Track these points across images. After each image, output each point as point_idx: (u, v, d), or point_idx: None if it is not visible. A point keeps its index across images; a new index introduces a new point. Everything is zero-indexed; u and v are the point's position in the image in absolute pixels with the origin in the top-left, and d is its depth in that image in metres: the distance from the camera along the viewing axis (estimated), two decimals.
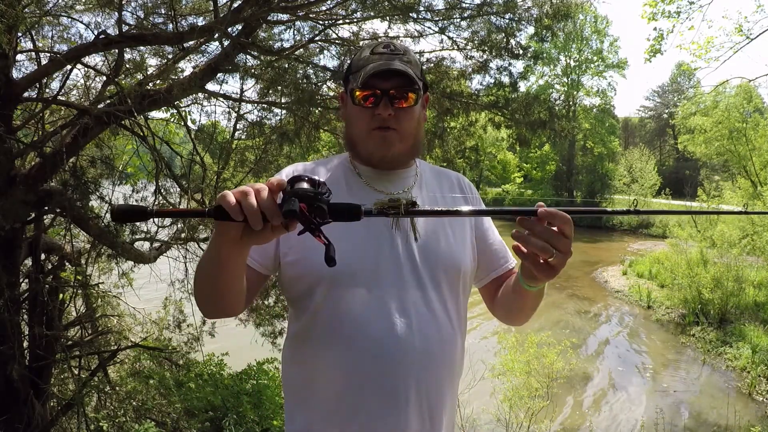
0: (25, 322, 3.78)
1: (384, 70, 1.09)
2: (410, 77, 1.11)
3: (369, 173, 1.20)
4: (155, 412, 4.46)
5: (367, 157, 1.17)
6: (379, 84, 1.11)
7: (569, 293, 14.83)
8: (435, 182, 1.28)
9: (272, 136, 4.64)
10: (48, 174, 3.30)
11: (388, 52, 1.14)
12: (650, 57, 9.69)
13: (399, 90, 1.12)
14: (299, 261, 1.11)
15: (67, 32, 3.94)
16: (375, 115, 1.12)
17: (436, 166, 1.36)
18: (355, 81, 1.13)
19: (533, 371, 6.83)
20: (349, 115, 1.19)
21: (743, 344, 9.95)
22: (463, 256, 1.19)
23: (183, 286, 4.62)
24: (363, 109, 1.14)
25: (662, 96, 48.00)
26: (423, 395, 1.09)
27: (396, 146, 1.15)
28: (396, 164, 1.20)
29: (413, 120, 1.16)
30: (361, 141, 1.16)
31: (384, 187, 1.19)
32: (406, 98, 1.13)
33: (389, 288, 1.09)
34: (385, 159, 1.16)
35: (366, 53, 1.16)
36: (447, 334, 1.14)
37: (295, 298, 1.15)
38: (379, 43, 1.17)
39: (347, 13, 4.07)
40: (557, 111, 4.78)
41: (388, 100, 1.11)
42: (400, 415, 1.07)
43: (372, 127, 1.13)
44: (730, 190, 18.10)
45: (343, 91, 1.24)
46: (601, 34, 31.21)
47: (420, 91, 1.15)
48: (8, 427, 3.26)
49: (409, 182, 1.22)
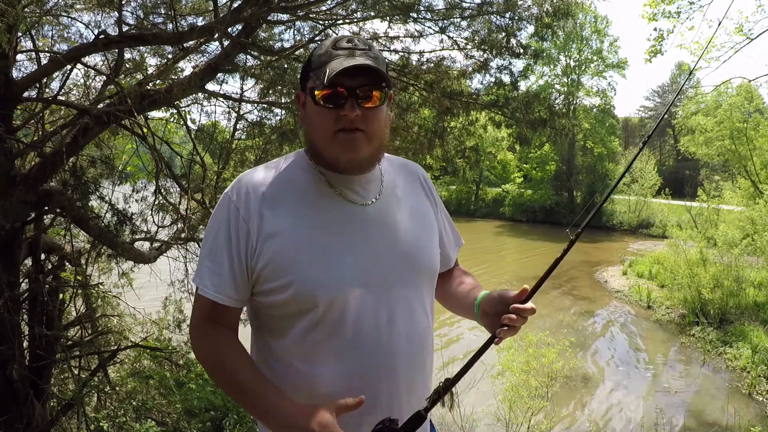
0: (25, 322, 3.78)
1: (351, 66, 0.98)
2: (378, 74, 1.02)
3: (337, 180, 1.11)
4: (155, 412, 4.45)
5: (333, 162, 1.08)
6: (344, 82, 1.00)
7: (569, 293, 14.83)
8: (400, 180, 1.24)
9: (272, 136, 4.64)
10: (48, 174, 3.30)
11: (352, 46, 1.03)
12: (650, 58, 9.68)
13: (365, 89, 1.02)
14: (290, 284, 1.03)
15: (67, 32, 3.93)
16: (340, 116, 1.02)
17: (392, 157, 1.29)
18: (317, 79, 1.02)
19: (533, 371, 6.82)
20: (310, 117, 1.07)
21: (743, 344, 9.95)
22: (435, 254, 1.21)
23: (183, 286, 4.62)
24: (326, 110, 1.03)
25: (662, 96, 47.97)
26: (412, 395, 1.12)
27: (364, 149, 1.05)
28: (363, 168, 1.11)
29: (380, 121, 1.07)
30: (325, 145, 1.06)
31: (357, 197, 1.12)
32: (372, 98, 1.03)
33: (377, 294, 1.08)
34: (351, 163, 1.07)
35: (326, 48, 1.05)
36: (424, 330, 1.16)
37: (277, 318, 1.09)
38: (341, 38, 1.06)
39: (347, 13, 4.07)
40: (557, 110, 4.78)
41: (354, 100, 1.01)
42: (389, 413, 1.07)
43: (337, 129, 1.03)
44: (730, 190, 18.10)
45: (300, 90, 1.13)
46: (601, 34, 31.17)
47: (387, 90, 1.06)
48: (8, 427, 3.26)
49: (377, 186, 1.16)
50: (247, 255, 1.05)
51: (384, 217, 1.13)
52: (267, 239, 1.04)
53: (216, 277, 1.06)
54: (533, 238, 25.32)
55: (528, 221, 31.00)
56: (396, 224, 1.14)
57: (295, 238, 1.04)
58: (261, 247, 1.04)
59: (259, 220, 1.05)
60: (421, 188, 1.26)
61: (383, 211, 1.14)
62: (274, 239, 1.04)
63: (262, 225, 1.04)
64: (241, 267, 1.05)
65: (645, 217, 27.81)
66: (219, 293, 1.06)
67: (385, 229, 1.12)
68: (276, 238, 1.04)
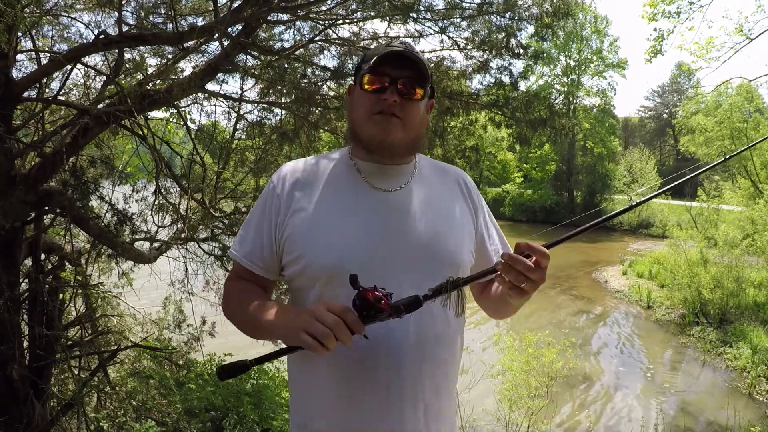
0: (25, 322, 3.77)
1: (397, 53, 1.11)
2: (421, 72, 1.13)
3: (368, 169, 1.19)
4: (155, 412, 4.45)
5: (368, 141, 1.16)
6: (389, 72, 1.12)
7: (569, 293, 14.83)
8: (435, 178, 1.26)
9: (272, 136, 4.64)
10: (48, 174, 3.30)
11: (403, 47, 1.15)
12: (651, 58, 9.69)
13: (408, 82, 1.13)
14: (300, 258, 1.12)
15: (67, 32, 3.93)
16: (380, 99, 1.12)
17: (437, 162, 1.34)
18: (366, 66, 1.15)
19: (533, 371, 6.82)
20: (354, 101, 1.20)
21: (743, 344, 9.95)
22: (461, 250, 1.18)
23: (183, 286, 4.62)
24: (368, 94, 1.14)
25: (662, 96, 47.98)
26: (419, 392, 1.10)
27: (398, 133, 1.13)
28: (395, 153, 1.17)
29: (417, 114, 1.16)
30: (362, 125, 1.16)
31: (383, 184, 1.18)
32: (413, 92, 1.13)
33: (380, 275, 1.06)
34: (384, 144, 1.14)
35: (380, 46, 1.18)
36: (443, 331, 1.14)
37: (297, 290, 1.18)
38: (394, 38, 1.20)
39: (347, 13, 4.07)
40: (557, 109, 4.77)
41: (395, 88, 1.12)
42: (394, 412, 1.08)
43: (375, 111, 1.13)
44: (730, 190, 18.11)
45: (352, 84, 1.24)
46: (601, 34, 31.18)
47: (428, 89, 1.16)
48: (8, 427, 3.26)
49: (407, 178, 1.21)
50: (276, 228, 1.17)
51: (404, 205, 1.17)
52: (292, 215, 1.15)
53: (243, 242, 1.21)
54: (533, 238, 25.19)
55: (528, 221, 31.00)
56: (415, 213, 1.16)
57: (313, 216, 1.14)
58: (287, 222, 1.15)
59: (289, 199, 1.17)
60: (459, 191, 1.28)
61: (405, 199, 1.18)
62: (297, 215, 1.14)
63: (290, 203, 1.16)
64: (270, 239, 1.17)
65: (645, 217, 27.81)
66: (244, 257, 1.19)
67: (402, 216, 1.15)
68: (299, 214, 1.14)
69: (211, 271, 4.72)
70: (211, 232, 4.53)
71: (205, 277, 4.73)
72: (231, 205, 4.77)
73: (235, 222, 4.45)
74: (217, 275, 4.76)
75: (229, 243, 4.71)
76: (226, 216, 4.48)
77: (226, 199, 4.77)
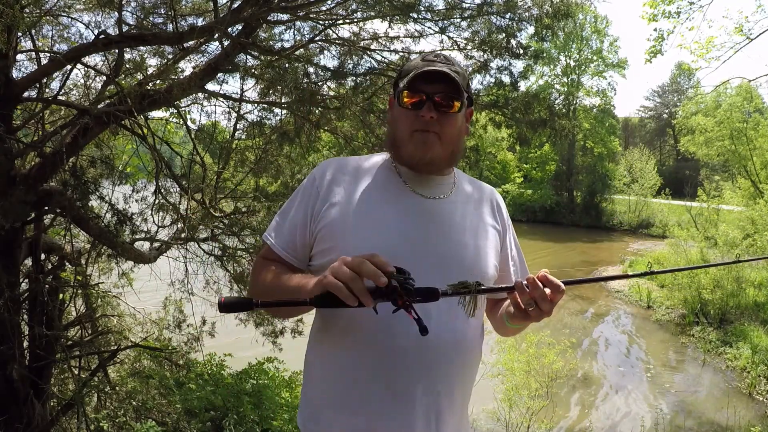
0: (25, 322, 3.78)
1: (431, 71, 1.14)
2: (456, 85, 1.15)
3: (409, 175, 1.22)
4: (155, 412, 4.45)
5: (408, 159, 1.19)
6: (424, 88, 1.15)
7: (569, 293, 14.81)
8: (472, 193, 1.31)
9: (272, 136, 4.64)
10: (48, 174, 3.30)
11: (438, 60, 1.19)
12: (651, 58, 9.69)
13: (443, 96, 1.15)
14: (332, 249, 1.13)
15: (67, 32, 3.93)
16: (418, 117, 1.15)
17: (472, 178, 1.39)
18: (402, 83, 1.18)
19: (533, 371, 6.83)
20: (394, 116, 1.23)
21: (743, 344, 9.95)
22: (488, 263, 1.22)
23: (183, 286, 4.62)
24: (407, 111, 1.17)
25: (662, 96, 47.96)
26: (432, 397, 1.10)
27: (435, 149, 1.17)
28: (434, 168, 1.21)
29: (455, 127, 1.19)
30: (403, 142, 1.19)
31: (424, 191, 1.21)
32: (450, 105, 1.16)
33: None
34: (423, 160, 1.18)
35: (416, 60, 1.22)
36: (464, 338, 1.15)
37: None
38: (429, 52, 1.23)
39: (347, 13, 4.07)
40: (557, 110, 4.77)
41: (432, 104, 1.14)
42: (404, 414, 1.08)
43: (414, 129, 1.16)
44: (730, 190, 18.11)
45: (392, 95, 1.28)
46: (601, 34, 31.16)
47: (464, 101, 1.19)
48: (8, 427, 3.26)
49: (446, 189, 1.25)
50: (313, 217, 1.19)
51: (441, 212, 1.20)
52: (329, 207, 1.17)
53: (277, 228, 1.24)
54: (533, 238, 25.29)
55: (528, 221, 30.98)
56: (452, 223, 1.20)
57: (349, 210, 1.16)
58: (323, 213, 1.17)
59: (328, 192, 1.19)
60: (490, 209, 1.31)
61: (443, 208, 1.22)
62: (334, 208, 1.17)
63: (328, 196, 1.19)
64: (303, 227, 1.19)
65: (645, 217, 27.82)
66: (275, 242, 1.22)
67: (439, 223, 1.18)
68: (336, 206, 1.17)
69: (211, 271, 4.72)
70: (211, 232, 4.53)
71: (205, 277, 4.73)
72: (231, 205, 4.77)
73: (235, 222, 4.45)
74: (217, 275, 4.76)
75: (230, 243, 4.72)
76: (226, 216, 4.48)
77: (226, 199, 4.77)
